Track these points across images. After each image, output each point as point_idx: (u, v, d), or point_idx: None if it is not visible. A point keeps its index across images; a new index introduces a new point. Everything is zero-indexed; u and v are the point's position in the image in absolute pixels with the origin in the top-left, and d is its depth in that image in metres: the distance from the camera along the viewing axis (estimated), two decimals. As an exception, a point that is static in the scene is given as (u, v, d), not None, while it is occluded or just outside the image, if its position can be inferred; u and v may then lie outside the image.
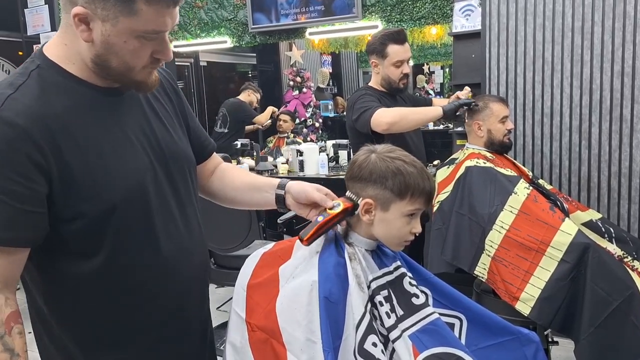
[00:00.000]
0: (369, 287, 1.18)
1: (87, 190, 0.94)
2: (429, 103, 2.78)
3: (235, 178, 1.32)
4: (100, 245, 0.98)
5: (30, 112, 0.90)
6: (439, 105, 2.71)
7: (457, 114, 2.33)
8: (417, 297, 1.23)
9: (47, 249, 0.96)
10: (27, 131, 0.88)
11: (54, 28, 4.19)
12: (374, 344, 1.10)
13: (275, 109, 5.07)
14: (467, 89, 2.49)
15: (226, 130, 4.97)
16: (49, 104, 0.93)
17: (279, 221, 2.91)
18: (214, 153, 1.32)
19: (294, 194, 1.22)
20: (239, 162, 4.12)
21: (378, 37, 2.48)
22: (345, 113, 6.65)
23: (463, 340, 1.26)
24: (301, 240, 1.14)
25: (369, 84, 2.60)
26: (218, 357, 1.32)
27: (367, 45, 2.55)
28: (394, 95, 2.57)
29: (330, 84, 6.86)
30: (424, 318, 1.21)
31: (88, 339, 1.04)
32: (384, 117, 2.26)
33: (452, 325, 1.27)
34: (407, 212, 1.18)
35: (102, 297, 1.02)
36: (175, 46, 4.46)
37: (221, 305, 3.49)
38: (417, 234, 1.22)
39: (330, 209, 1.17)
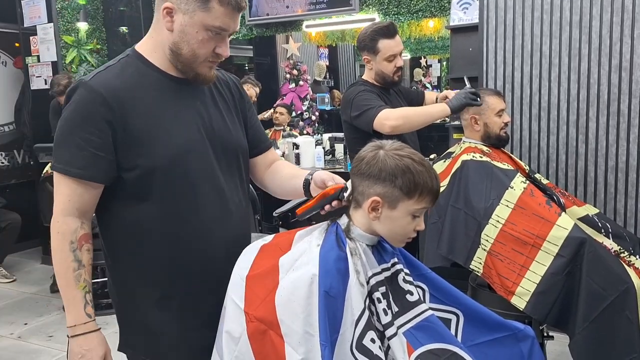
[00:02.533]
0: (368, 282, 1.18)
1: (142, 148, 1.19)
2: (421, 96, 2.74)
3: (284, 170, 1.47)
4: (150, 194, 1.21)
5: (108, 84, 1.18)
6: (431, 98, 2.69)
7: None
8: (412, 294, 1.23)
9: (113, 194, 1.22)
10: (103, 97, 1.16)
11: (50, 19, 4.15)
12: (372, 340, 1.10)
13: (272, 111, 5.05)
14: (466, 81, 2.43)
15: None
16: (124, 81, 1.20)
17: (274, 214, 2.90)
18: (271, 150, 1.50)
19: (315, 179, 1.33)
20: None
21: (368, 33, 2.42)
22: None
23: (459, 336, 1.27)
24: (296, 213, 1.21)
25: (364, 77, 2.54)
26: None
27: (358, 42, 2.49)
28: (388, 89, 2.53)
29: (327, 76, 6.84)
30: (418, 315, 1.21)
31: (138, 276, 1.28)
32: (388, 120, 2.21)
33: (448, 321, 1.27)
34: (414, 211, 1.17)
35: (150, 241, 1.24)
36: (171, 38, 4.44)
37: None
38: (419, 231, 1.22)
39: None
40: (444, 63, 7.71)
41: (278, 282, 1.15)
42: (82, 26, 4.38)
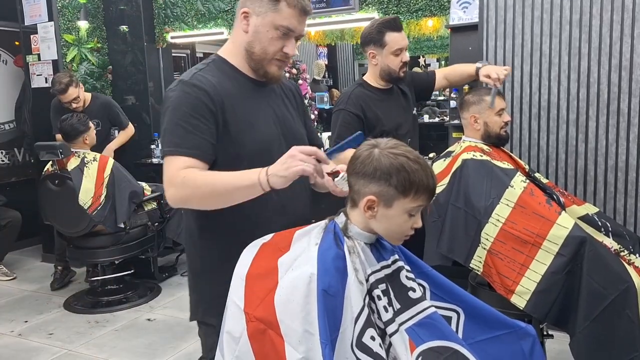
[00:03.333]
0: (367, 280, 1.18)
1: (234, 140, 1.36)
2: (431, 77, 2.61)
3: None
4: None
5: (209, 82, 1.35)
6: (443, 72, 2.60)
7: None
8: (414, 290, 1.23)
9: None
10: (207, 91, 1.33)
11: (51, 18, 4.15)
12: (372, 338, 1.11)
13: None
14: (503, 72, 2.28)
15: None
16: (219, 81, 1.37)
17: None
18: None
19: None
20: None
21: (374, 26, 2.37)
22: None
23: (460, 334, 1.27)
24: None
25: (365, 77, 2.49)
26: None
27: (363, 36, 2.43)
28: (390, 89, 2.47)
29: (326, 76, 6.83)
30: (420, 312, 1.21)
31: (219, 251, 1.41)
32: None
33: (449, 319, 1.27)
34: (410, 209, 1.17)
35: (232, 219, 1.36)
36: (171, 37, 4.43)
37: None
38: (417, 229, 1.22)
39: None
40: (443, 62, 7.71)
41: (277, 281, 1.15)
42: (83, 25, 4.37)
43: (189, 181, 1.26)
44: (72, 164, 3.37)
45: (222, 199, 1.27)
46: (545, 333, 2.28)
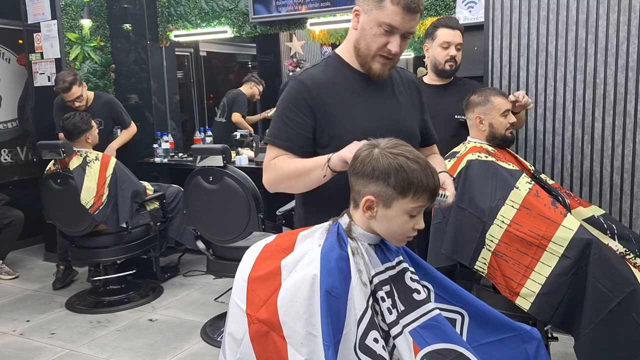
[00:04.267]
0: (371, 282, 1.17)
1: (334, 130, 1.44)
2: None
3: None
4: None
5: (313, 77, 1.47)
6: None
7: None
8: (419, 292, 1.22)
9: None
10: (308, 87, 1.44)
11: (54, 16, 4.15)
12: (376, 340, 1.09)
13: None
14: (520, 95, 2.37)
15: (224, 120, 4.95)
16: (326, 76, 1.48)
17: (278, 213, 2.89)
18: (433, 147, 1.72)
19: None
20: (238, 153, 4.09)
21: (433, 22, 2.63)
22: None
23: (464, 336, 1.25)
24: None
25: (425, 78, 2.69)
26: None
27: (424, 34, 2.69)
28: (444, 88, 2.60)
29: (331, 75, 6.81)
30: (425, 314, 1.20)
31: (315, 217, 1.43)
32: None
33: (453, 321, 1.26)
34: (410, 210, 1.16)
35: (331, 201, 1.38)
36: (175, 35, 4.43)
37: (219, 297, 3.49)
38: (419, 230, 1.20)
39: None
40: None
41: (280, 283, 1.14)
42: (86, 23, 4.37)
43: (278, 167, 1.43)
44: (74, 163, 3.36)
45: (302, 180, 1.38)
46: (549, 335, 2.26)
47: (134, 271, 3.67)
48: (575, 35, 2.63)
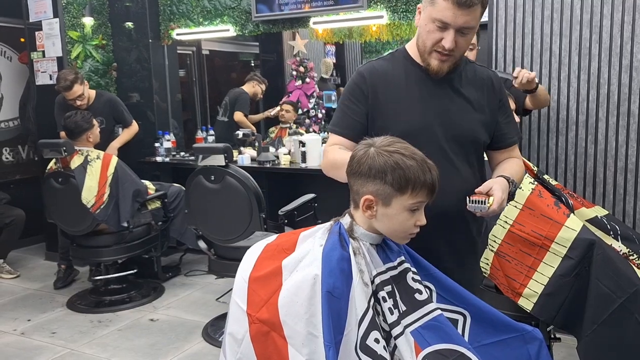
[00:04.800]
0: (372, 282, 1.16)
1: (385, 120, 1.46)
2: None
3: (496, 168, 1.60)
4: None
5: (372, 69, 1.51)
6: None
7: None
8: (421, 293, 1.21)
9: None
10: (364, 76, 1.49)
11: (56, 14, 4.15)
12: (377, 340, 1.09)
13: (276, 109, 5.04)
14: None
15: (226, 119, 4.95)
16: (386, 67, 1.51)
17: (280, 212, 2.88)
18: (509, 149, 1.61)
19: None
20: (240, 152, 4.09)
21: None
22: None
23: (466, 337, 1.25)
24: None
25: None
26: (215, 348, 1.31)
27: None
28: None
29: (334, 74, 6.80)
30: (426, 314, 1.19)
31: None
32: None
33: (455, 321, 1.25)
34: (410, 207, 1.15)
35: None
36: (177, 34, 4.42)
37: (220, 297, 3.49)
38: (422, 226, 1.19)
39: None
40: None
41: (281, 283, 1.14)
42: (88, 21, 4.36)
43: (328, 155, 1.49)
44: (76, 162, 3.35)
45: (341, 172, 1.35)
46: (552, 336, 2.24)
47: (135, 271, 3.66)
48: (580, 34, 2.62)
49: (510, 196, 1.43)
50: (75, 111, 3.53)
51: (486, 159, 1.64)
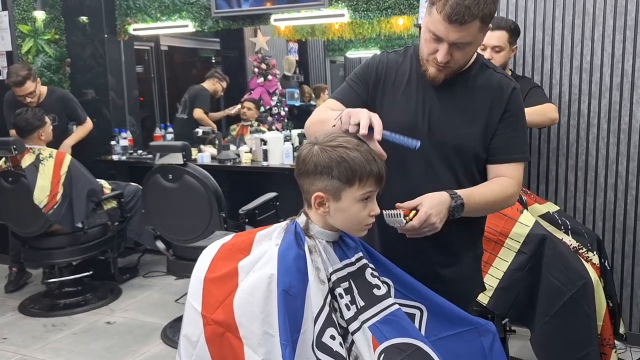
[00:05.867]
0: (329, 279, 1.16)
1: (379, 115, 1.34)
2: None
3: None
4: None
5: (383, 59, 1.51)
6: None
7: None
8: (379, 288, 1.23)
9: None
10: (374, 65, 1.50)
11: (5, 7, 3.98)
12: (332, 337, 1.09)
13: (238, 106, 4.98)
14: None
15: (186, 117, 4.87)
16: (395, 61, 1.50)
17: (240, 212, 2.86)
18: (507, 166, 1.45)
19: None
20: (200, 151, 4.03)
21: None
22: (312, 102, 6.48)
23: (423, 331, 1.27)
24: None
25: None
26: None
27: None
28: None
29: (297, 72, 6.79)
30: (385, 309, 1.21)
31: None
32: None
33: (412, 316, 1.27)
34: (360, 197, 1.16)
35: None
36: (133, 29, 4.32)
37: (180, 298, 3.43)
38: (376, 216, 1.21)
39: None
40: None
41: (237, 284, 1.13)
42: (39, 15, 4.20)
43: (320, 110, 1.48)
44: (27, 160, 3.23)
45: (321, 128, 1.34)
46: (508, 329, 2.31)
47: (90, 273, 3.56)
48: (533, 36, 2.70)
49: (451, 213, 1.29)
50: (27, 108, 3.40)
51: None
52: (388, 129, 1.23)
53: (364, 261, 1.25)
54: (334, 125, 1.27)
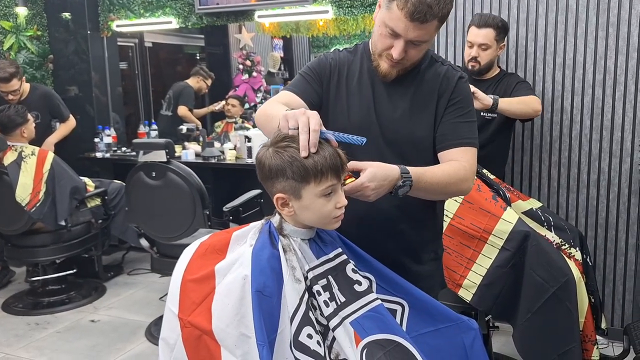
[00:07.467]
0: (306, 277, 1.16)
1: (327, 115, 1.44)
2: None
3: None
4: None
5: (336, 57, 1.49)
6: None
7: None
8: (360, 284, 1.22)
9: None
10: (328, 62, 1.48)
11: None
12: (309, 336, 1.09)
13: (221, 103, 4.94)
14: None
15: (170, 114, 4.83)
16: (347, 59, 1.48)
17: (224, 209, 2.84)
18: (454, 151, 1.44)
19: None
20: (184, 148, 4.00)
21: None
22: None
23: (404, 326, 1.26)
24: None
25: None
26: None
27: None
28: (478, 81, 2.53)
29: (282, 68, 6.76)
30: (366, 304, 1.20)
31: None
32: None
33: (394, 311, 1.27)
34: (321, 193, 1.15)
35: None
36: (117, 26, 4.26)
37: (164, 296, 3.39)
38: (344, 207, 1.19)
39: None
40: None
41: (214, 287, 1.13)
42: (21, 11, 4.13)
43: (266, 106, 1.41)
44: (9, 158, 3.19)
45: (269, 125, 1.30)
46: (491, 325, 2.32)
47: (74, 271, 3.53)
48: (516, 33, 2.71)
49: (395, 191, 1.25)
50: (9, 105, 3.35)
51: None
52: (341, 128, 1.22)
53: (344, 257, 1.24)
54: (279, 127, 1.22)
